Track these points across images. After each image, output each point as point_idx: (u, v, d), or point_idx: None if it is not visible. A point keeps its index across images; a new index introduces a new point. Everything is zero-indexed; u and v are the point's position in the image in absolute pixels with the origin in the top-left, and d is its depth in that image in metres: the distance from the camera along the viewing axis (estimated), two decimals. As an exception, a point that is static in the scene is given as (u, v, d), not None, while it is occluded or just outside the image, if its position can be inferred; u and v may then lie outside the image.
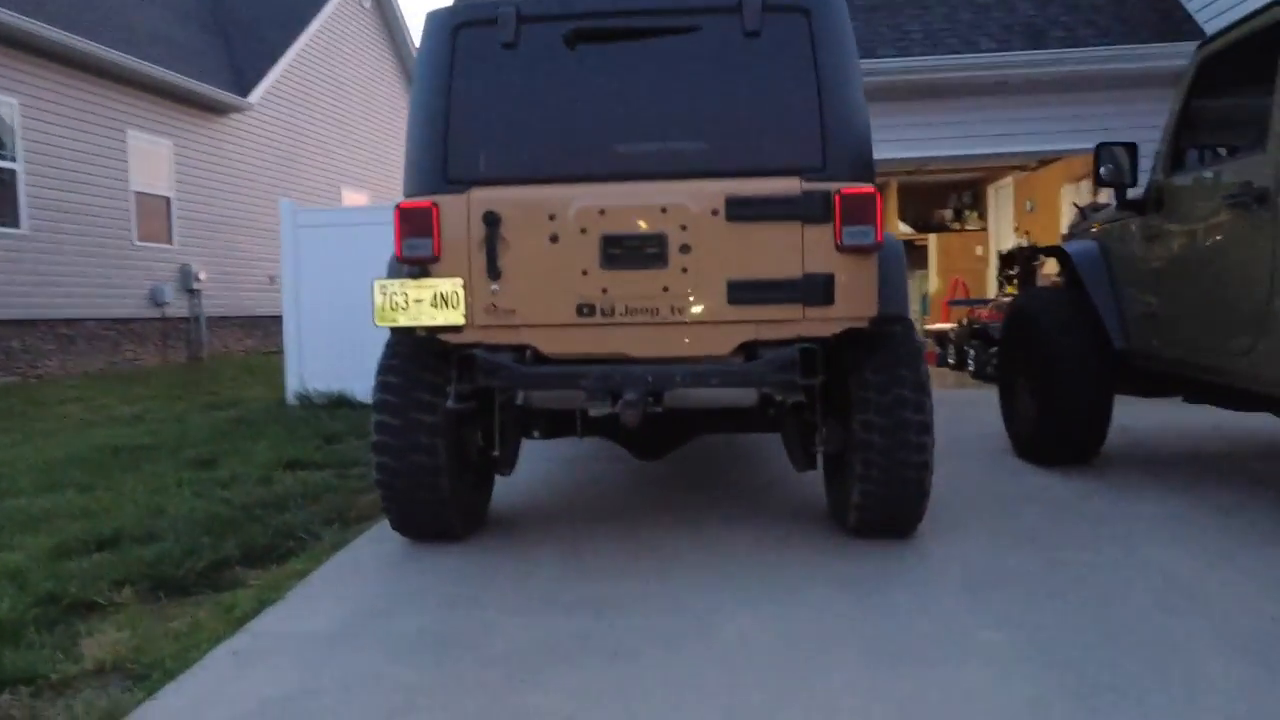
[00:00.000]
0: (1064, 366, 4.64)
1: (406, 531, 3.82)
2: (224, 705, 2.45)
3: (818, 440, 3.70)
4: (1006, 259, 13.10)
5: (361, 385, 8.64)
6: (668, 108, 3.30)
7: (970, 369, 10.16)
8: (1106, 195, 10.26)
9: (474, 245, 3.25)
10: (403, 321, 3.28)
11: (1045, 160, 11.61)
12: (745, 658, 2.66)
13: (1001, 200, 14.65)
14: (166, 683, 2.60)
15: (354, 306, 8.49)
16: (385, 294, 3.26)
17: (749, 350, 3.30)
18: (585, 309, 3.24)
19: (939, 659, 2.61)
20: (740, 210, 3.17)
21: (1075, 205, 10.55)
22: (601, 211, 3.20)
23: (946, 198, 15.86)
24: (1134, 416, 5.76)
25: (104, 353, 11.89)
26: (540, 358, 3.37)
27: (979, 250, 15.17)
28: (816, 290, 3.17)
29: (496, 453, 3.80)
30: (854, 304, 3.21)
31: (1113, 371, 4.66)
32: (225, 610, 3.16)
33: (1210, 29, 8.54)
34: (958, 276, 13.61)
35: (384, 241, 3.76)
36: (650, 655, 2.69)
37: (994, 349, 9.79)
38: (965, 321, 10.81)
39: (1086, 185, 11.29)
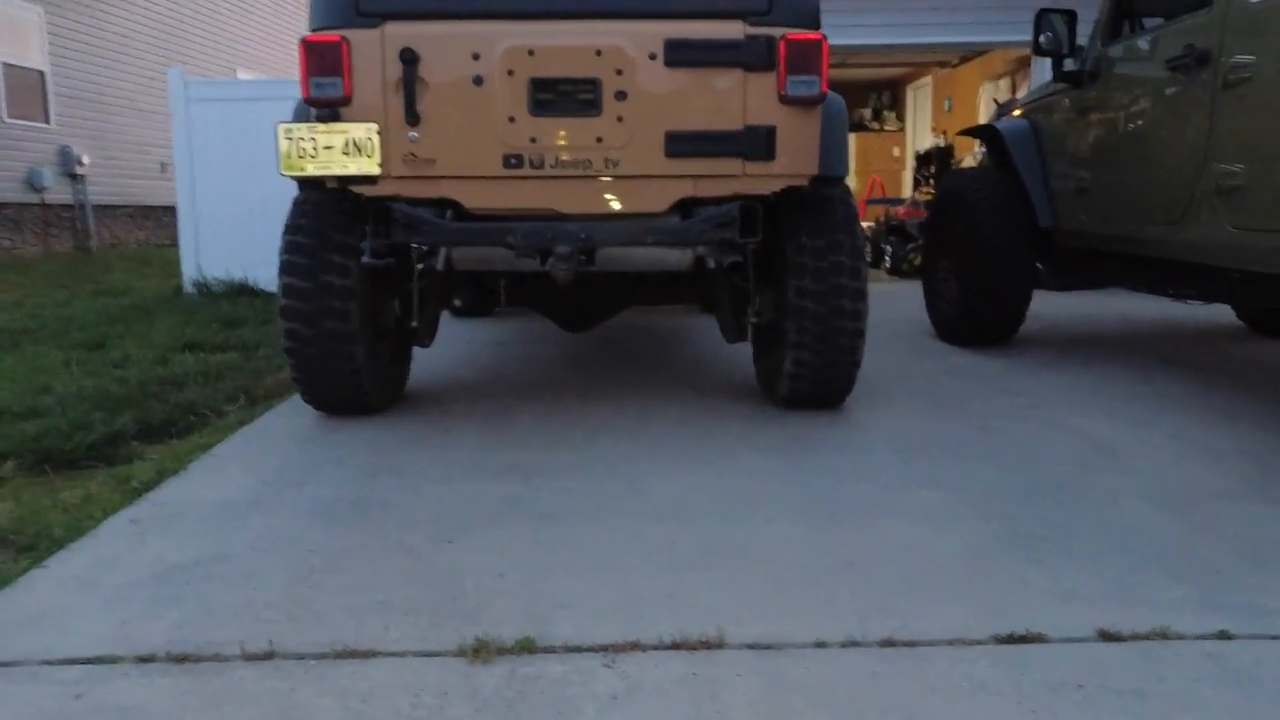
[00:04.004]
0: (989, 246, 4.64)
1: (319, 405, 3.61)
2: (124, 571, 2.26)
3: (750, 310, 3.61)
4: (923, 159, 13.22)
5: (265, 273, 8.18)
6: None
7: (886, 265, 10.27)
8: (1024, 92, 10.32)
9: (389, 86, 2.97)
10: (311, 170, 3.00)
11: (967, 56, 11.58)
12: (681, 517, 2.58)
13: (920, 101, 14.66)
14: (57, 551, 2.38)
15: (256, 189, 8.00)
16: (291, 139, 2.97)
17: (686, 208, 3.15)
18: (512, 160, 3.01)
19: (876, 514, 2.59)
20: (680, 55, 2.97)
21: (996, 101, 10.59)
22: (530, 52, 2.95)
23: (866, 97, 15.79)
24: (1045, 306, 5.86)
25: (-24, 239, 10.99)
26: (462, 214, 3.15)
27: (896, 151, 15.24)
28: (758, 143, 3.02)
29: (415, 323, 3.59)
30: (795, 160, 3.07)
31: (1036, 253, 4.69)
32: (121, 481, 2.93)
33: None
34: (876, 176, 13.63)
35: (285, 116, 3.40)
36: (582, 515, 2.60)
37: (910, 245, 9.92)
38: (882, 219, 10.87)
39: (1005, 83, 11.34)
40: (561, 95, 2.97)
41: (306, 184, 3.33)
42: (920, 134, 14.44)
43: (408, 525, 2.54)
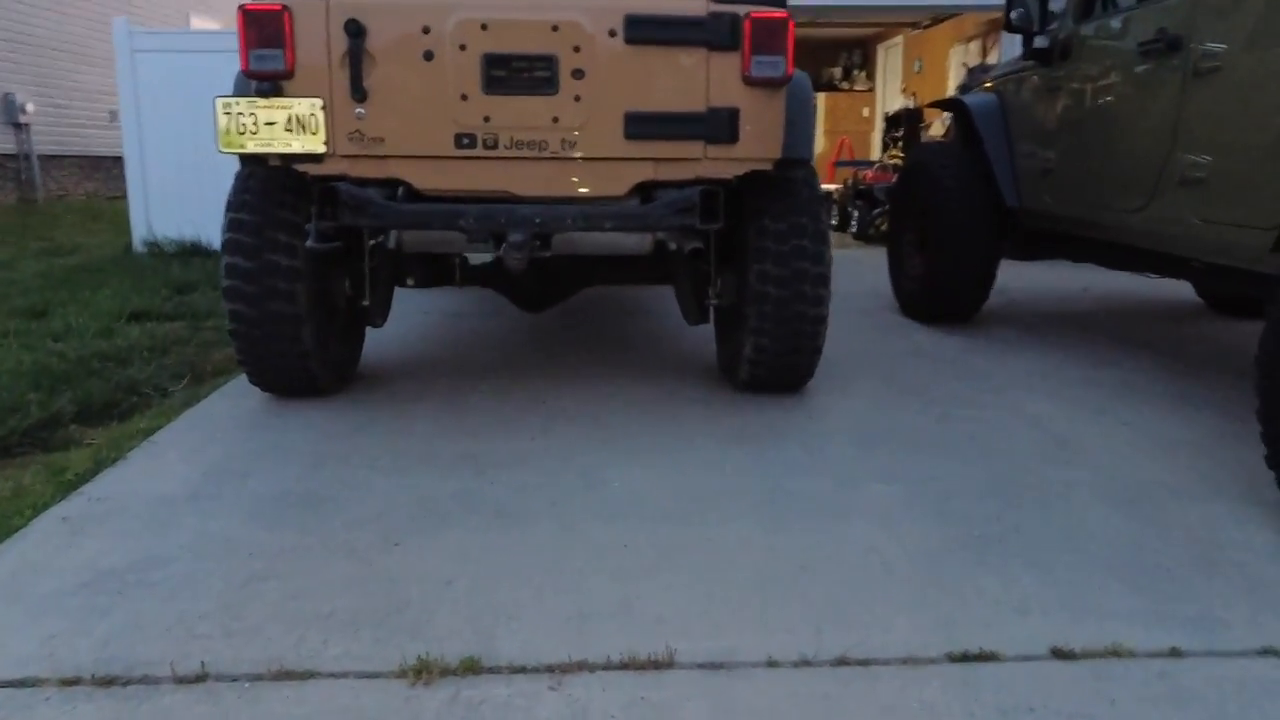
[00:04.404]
0: (954, 223, 4.59)
1: (266, 387, 3.49)
2: (52, 577, 2.16)
3: (711, 292, 3.54)
4: (892, 120, 13.10)
5: (218, 232, 7.99)
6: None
7: (853, 230, 10.21)
8: (995, 56, 10.22)
9: (335, 60, 2.82)
10: (251, 148, 2.86)
11: (939, 18, 11.44)
12: (636, 515, 2.53)
13: (890, 60, 14.51)
14: (-17, 553, 2.28)
15: (206, 142, 7.72)
16: (230, 114, 2.82)
17: (645, 192, 3.05)
18: (465, 139, 2.89)
19: (833, 512, 2.56)
20: (640, 31, 2.85)
21: (965, 65, 10.50)
22: (484, 26, 2.81)
23: (836, 56, 15.60)
24: (1010, 277, 5.84)
25: (-86, 191, 10.56)
26: (413, 194, 3.02)
27: (865, 112, 15.10)
28: (720, 126, 2.92)
29: (366, 302, 3.48)
30: (758, 144, 2.97)
31: (1001, 231, 4.65)
32: (55, 473, 2.81)
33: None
34: (844, 137, 13.52)
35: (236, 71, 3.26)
36: (535, 513, 2.54)
37: (877, 210, 9.83)
38: (850, 183, 10.78)
39: (976, 46, 11.24)
40: (516, 72, 2.84)
41: (249, 159, 3.18)
42: (890, 94, 14.32)
43: (353, 524, 2.46)
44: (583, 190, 2.98)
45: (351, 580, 2.16)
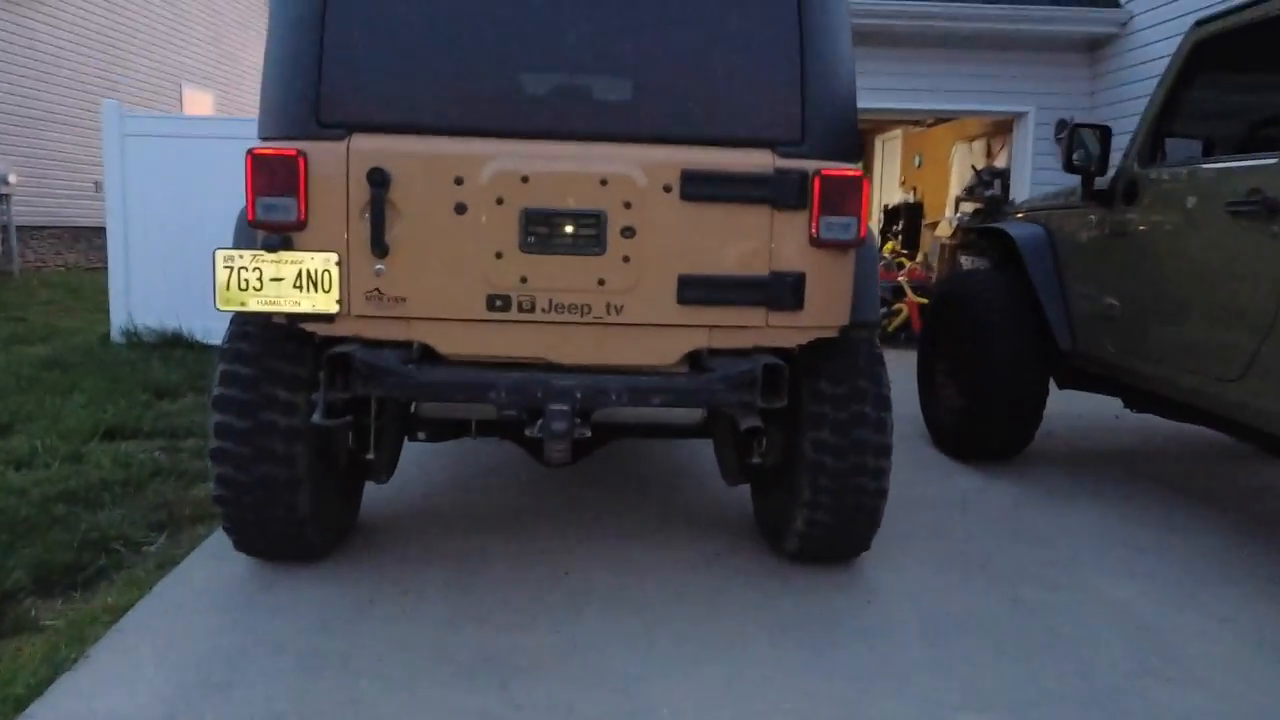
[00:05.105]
0: (1000, 365, 4.29)
1: (255, 554, 3.09)
2: None
3: (755, 452, 3.19)
4: (891, 214, 13.03)
5: (201, 323, 7.61)
6: (613, 49, 2.61)
7: (858, 328, 9.94)
8: (1004, 159, 10.15)
9: (354, 211, 2.50)
10: (254, 306, 2.51)
11: (941, 119, 11.41)
12: (694, 760, 2.14)
13: (889, 152, 14.51)
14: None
15: (193, 230, 7.39)
16: (231, 269, 2.48)
17: (697, 360, 2.72)
18: (498, 301, 2.56)
19: (923, 759, 2.18)
20: (699, 188, 2.55)
21: (974, 168, 10.42)
22: (524, 179, 2.50)
23: (833, 145, 15.60)
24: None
25: (-116, 265, 10.12)
26: (431, 354, 2.67)
27: (862, 201, 15.02)
28: (784, 292, 2.60)
29: (370, 456, 3.11)
30: (825, 311, 2.66)
31: (1051, 372, 4.36)
32: (2, 683, 2.38)
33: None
34: (843, 228, 13.38)
35: (231, 158, 2.90)
36: (575, 757, 2.14)
37: (883, 309, 9.61)
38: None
39: (980, 145, 11.19)
40: (558, 230, 2.53)
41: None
42: (888, 185, 14.28)
43: (359, 774, 2.05)
44: (629, 359, 2.65)
45: None
